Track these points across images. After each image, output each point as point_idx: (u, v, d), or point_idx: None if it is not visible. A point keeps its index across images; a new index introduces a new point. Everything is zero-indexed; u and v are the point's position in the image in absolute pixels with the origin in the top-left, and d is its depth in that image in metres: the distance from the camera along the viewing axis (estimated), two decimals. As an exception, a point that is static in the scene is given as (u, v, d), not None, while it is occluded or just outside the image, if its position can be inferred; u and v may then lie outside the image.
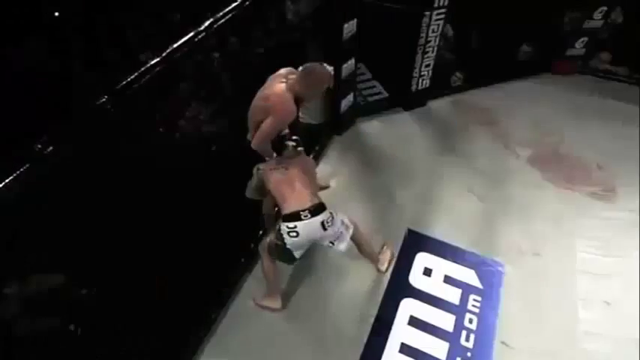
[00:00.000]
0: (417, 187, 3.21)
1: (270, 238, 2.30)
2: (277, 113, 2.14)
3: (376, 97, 4.15)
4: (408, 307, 2.48)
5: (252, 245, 2.74)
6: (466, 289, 2.58)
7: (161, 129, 2.59)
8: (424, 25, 3.26)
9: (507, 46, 4.42)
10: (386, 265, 2.65)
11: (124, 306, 2.23)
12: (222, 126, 3.30)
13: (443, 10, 3.21)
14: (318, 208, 2.16)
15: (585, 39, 4.18)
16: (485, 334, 2.38)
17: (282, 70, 2.29)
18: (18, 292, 2.11)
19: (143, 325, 2.23)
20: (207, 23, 1.85)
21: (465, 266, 2.69)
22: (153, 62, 1.57)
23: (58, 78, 2.42)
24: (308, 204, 2.15)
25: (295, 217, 2.12)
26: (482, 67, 4.18)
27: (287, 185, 2.22)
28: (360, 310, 2.48)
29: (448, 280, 2.62)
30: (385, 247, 2.72)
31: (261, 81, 2.34)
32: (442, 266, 2.68)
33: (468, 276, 2.64)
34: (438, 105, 4.03)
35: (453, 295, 2.55)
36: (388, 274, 2.63)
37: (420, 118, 3.88)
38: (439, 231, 2.88)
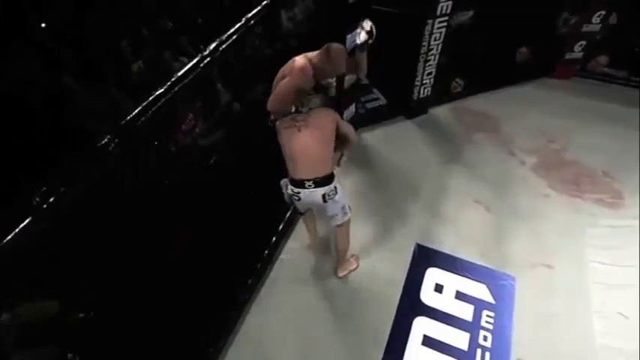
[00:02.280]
0: (423, 198, 3.15)
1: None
2: (293, 72, 2.10)
3: (375, 104, 4.10)
4: (421, 326, 2.42)
5: (267, 252, 2.71)
6: (478, 304, 2.52)
7: (164, 144, 2.48)
8: (426, 33, 3.20)
9: (505, 50, 4.38)
10: (345, 273, 2.66)
11: (125, 331, 2.13)
12: (222, 137, 3.21)
13: (445, 18, 3.16)
14: (323, 180, 2.16)
15: (584, 42, 4.16)
16: (500, 351, 2.33)
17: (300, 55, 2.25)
18: (11, 320, 2.00)
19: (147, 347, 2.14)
20: (212, 46, 1.75)
21: (476, 281, 2.63)
22: (157, 93, 1.46)
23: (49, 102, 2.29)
24: (314, 175, 2.14)
25: (300, 184, 2.17)
26: (481, 72, 4.13)
27: (297, 148, 2.16)
28: (372, 330, 2.41)
29: (460, 295, 2.56)
30: (352, 259, 2.71)
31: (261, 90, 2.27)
32: (453, 282, 2.62)
33: (480, 291, 2.59)
34: (439, 112, 3.99)
35: (465, 311, 2.49)
36: (399, 291, 2.57)
37: (422, 126, 3.82)
38: (448, 244, 2.82)
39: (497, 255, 2.76)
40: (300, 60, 2.12)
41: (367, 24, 2.22)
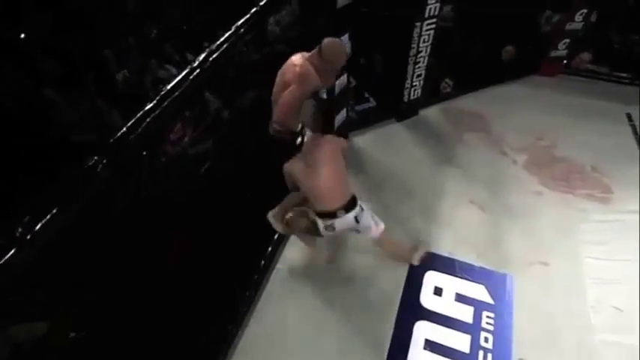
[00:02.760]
0: (418, 201, 3.13)
1: (301, 221, 2.32)
2: (298, 81, 2.07)
3: (365, 107, 4.09)
4: (423, 330, 2.41)
5: (263, 262, 2.68)
6: (478, 306, 2.52)
7: (154, 158, 2.43)
8: (415, 35, 3.20)
9: (491, 48, 4.42)
10: (418, 258, 2.68)
11: (123, 349, 2.07)
12: (213, 145, 3.16)
13: (433, 20, 3.16)
14: (350, 203, 2.22)
15: (567, 40, 4.23)
16: (502, 351, 2.33)
17: (297, 54, 2.23)
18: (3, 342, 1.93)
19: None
20: (201, 57, 1.70)
21: (475, 282, 2.63)
22: (146, 108, 1.41)
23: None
24: (341, 201, 2.18)
25: (331, 215, 2.19)
26: (470, 71, 4.16)
27: (317, 180, 2.18)
28: (373, 336, 2.39)
29: (459, 298, 2.56)
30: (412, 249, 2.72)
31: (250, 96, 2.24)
32: (452, 284, 2.62)
33: (479, 292, 2.59)
34: (430, 113, 3.99)
35: (465, 313, 2.49)
36: (399, 296, 2.55)
37: (413, 128, 3.82)
38: (445, 246, 2.82)
39: (494, 255, 2.77)
40: (301, 66, 2.08)
41: None
